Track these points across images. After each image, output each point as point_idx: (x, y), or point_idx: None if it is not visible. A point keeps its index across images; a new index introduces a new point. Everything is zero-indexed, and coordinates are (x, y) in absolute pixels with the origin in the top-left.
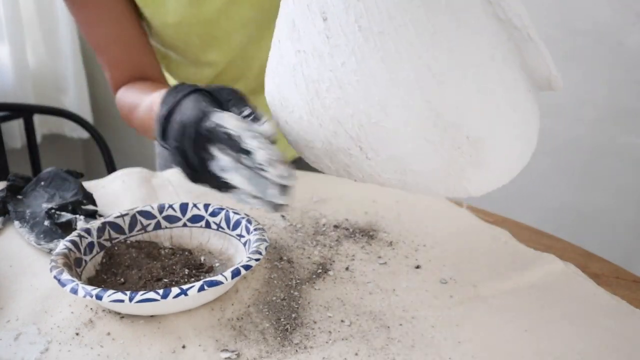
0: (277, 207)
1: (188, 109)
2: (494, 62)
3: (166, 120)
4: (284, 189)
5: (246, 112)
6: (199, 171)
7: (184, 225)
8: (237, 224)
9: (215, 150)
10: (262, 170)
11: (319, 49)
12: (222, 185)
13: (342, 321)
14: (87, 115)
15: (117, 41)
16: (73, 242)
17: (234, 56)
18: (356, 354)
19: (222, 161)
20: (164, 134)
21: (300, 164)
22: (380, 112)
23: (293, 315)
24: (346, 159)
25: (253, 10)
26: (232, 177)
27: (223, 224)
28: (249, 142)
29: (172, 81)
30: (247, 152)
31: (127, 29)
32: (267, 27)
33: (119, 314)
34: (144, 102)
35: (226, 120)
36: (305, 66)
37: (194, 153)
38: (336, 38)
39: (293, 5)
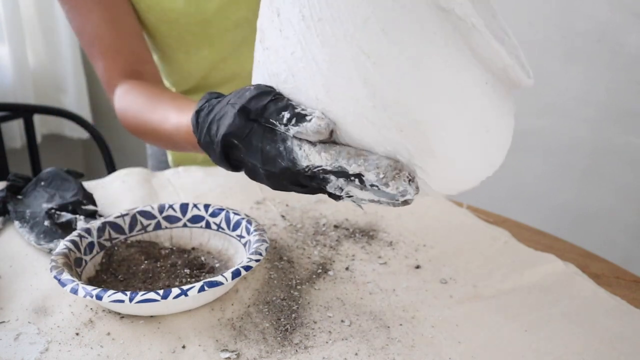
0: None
1: (266, 156)
2: (434, 45)
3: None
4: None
5: (287, 115)
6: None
7: (184, 225)
8: (237, 225)
9: (324, 180)
10: (378, 189)
11: (275, 44)
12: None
13: (342, 321)
14: (87, 115)
15: (111, 28)
16: (73, 242)
17: (227, 55)
18: (356, 354)
19: (337, 182)
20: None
21: None
22: (325, 96)
23: (293, 315)
24: None
25: (249, 11)
26: (354, 193)
27: (223, 225)
28: (351, 169)
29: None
30: (357, 175)
31: (121, 15)
32: None
33: (119, 314)
34: (169, 123)
35: (314, 159)
36: (268, 62)
37: (304, 187)
38: (286, 30)
39: (262, 8)
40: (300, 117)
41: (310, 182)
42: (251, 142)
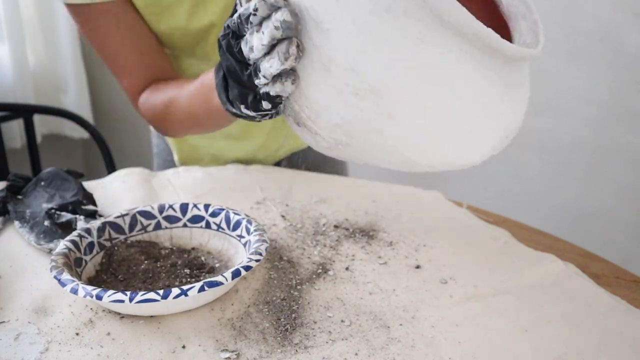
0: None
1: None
2: (389, 13)
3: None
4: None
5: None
6: (241, 75)
7: (184, 225)
8: (237, 225)
9: (247, 36)
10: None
11: None
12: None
13: (342, 321)
14: (87, 115)
15: (134, 47)
16: (73, 242)
17: None
18: (356, 354)
19: (250, 42)
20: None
21: (306, 159)
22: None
23: (293, 315)
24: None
25: None
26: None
27: (223, 225)
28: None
29: None
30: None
31: (141, 35)
32: None
33: (119, 314)
34: (186, 89)
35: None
36: None
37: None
38: None
39: None
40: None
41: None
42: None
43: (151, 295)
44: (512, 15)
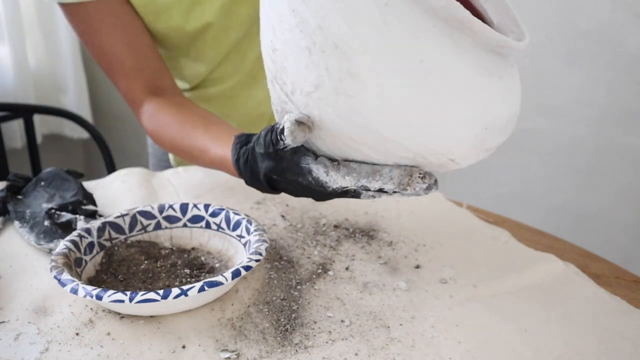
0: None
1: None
2: None
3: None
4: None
5: (274, 138)
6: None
7: (184, 225)
8: (237, 225)
9: (356, 193)
10: (401, 193)
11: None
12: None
13: (342, 321)
14: (87, 115)
15: (131, 49)
16: (73, 242)
17: (229, 51)
18: (356, 354)
19: (367, 194)
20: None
21: None
22: (272, 34)
23: (293, 315)
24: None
25: (250, 7)
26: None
27: (223, 225)
28: (372, 186)
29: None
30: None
31: (137, 36)
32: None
33: (119, 314)
34: (211, 155)
35: (340, 182)
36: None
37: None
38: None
39: None
40: (280, 132)
41: (344, 195)
42: (286, 177)
43: (151, 295)
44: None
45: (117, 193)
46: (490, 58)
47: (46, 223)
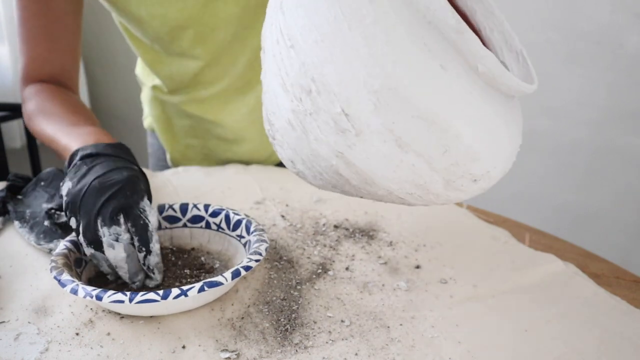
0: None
1: (125, 181)
2: (350, 31)
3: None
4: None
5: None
6: (92, 226)
7: (184, 225)
8: (237, 225)
9: (123, 227)
10: (150, 272)
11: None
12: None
13: (342, 321)
14: None
15: (50, 40)
16: (73, 242)
17: (219, 53)
18: (356, 354)
19: (113, 233)
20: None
21: None
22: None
23: (293, 315)
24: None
25: (237, 7)
26: (109, 247)
27: (223, 225)
28: (154, 246)
29: (154, 79)
30: (149, 251)
31: (63, 31)
32: (251, 26)
33: (119, 314)
34: (62, 141)
35: (151, 215)
36: None
37: (96, 211)
38: None
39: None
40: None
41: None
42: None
43: (151, 295)
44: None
45: None
46: (442, 45)
47: (46, 223)
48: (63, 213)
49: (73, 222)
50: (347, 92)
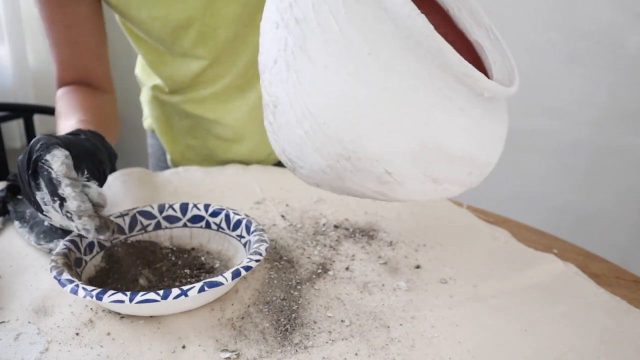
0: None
1: (37, 142)
2: (388, 102)
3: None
4: (94, 232)
5: (86, 176)
6: (29, 195)
7: (184, 225)
8: (237, 225)
9: (41, 184)
10: (69, 218)
11: None
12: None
13: (342, 321)
14: None
15: (72, 45)
16: (73, 242)
17: (221, 52)
18: (356, 354)
19: (44, 195)
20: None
21: None
22: (263, 21)
23: (293, 315)
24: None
25: (238, 6)
26: (48, 211)
27: (223, 225)
28: (65, 190)
29: (155, 79)
30: (62, 199)
31: (83, 35)
32: (252, 24)
33: (119, 314)
34: (61, 123)
35: (54, 161)
36: None
37: (27, 179)
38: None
39: None
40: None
41: (34, 176)
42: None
43: (151, 295)
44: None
45: (117, 193)
46: (456, 87)
47: (46, 223)
48: None
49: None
50: (388, 157)
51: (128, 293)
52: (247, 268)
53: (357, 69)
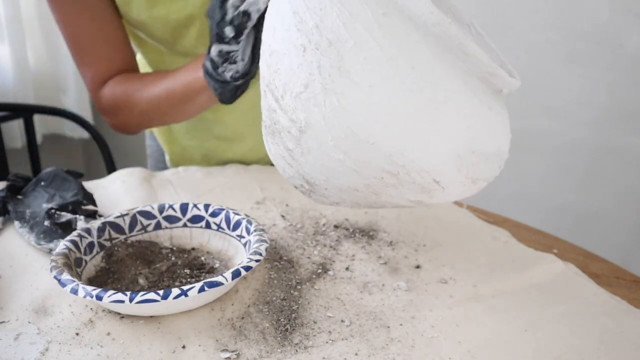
0: None
1: None
2: (437, 111)
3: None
4: None
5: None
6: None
7: (184, 225)
8: (237, 225)
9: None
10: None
11: None
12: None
13: (342, 321)
14: (87, 115)
15: (104, 39)
16: (73, 242)
17: None
18: (356, 354)
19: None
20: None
21: None
22: (271, 37)
23: (293, 315)
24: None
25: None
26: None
27: (223, 225)
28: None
29: None
30: None
31: (111, 27)
32: None
33: (119, 314)
34: (153, 80)
35: None
36: None
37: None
38: None
39: None
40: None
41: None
42: None
43: (151, 295)
44: None
45: (117, 193)
46: (480, 86)
47: (46, 223)
48: (63, 213)
49: None
50: (437, 166)
51: (128, 293)
52: (247, 268)
53: (403, 83)
